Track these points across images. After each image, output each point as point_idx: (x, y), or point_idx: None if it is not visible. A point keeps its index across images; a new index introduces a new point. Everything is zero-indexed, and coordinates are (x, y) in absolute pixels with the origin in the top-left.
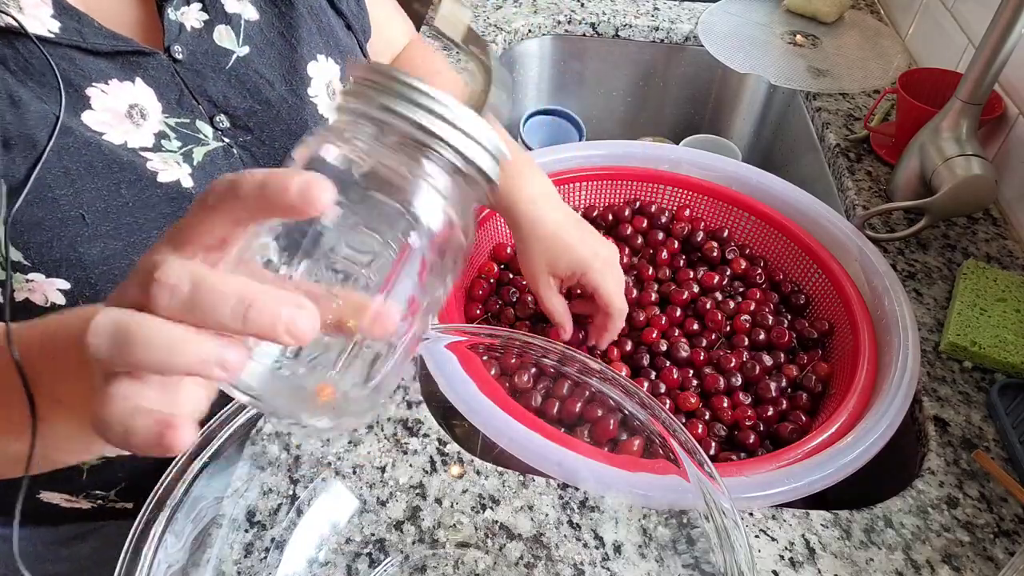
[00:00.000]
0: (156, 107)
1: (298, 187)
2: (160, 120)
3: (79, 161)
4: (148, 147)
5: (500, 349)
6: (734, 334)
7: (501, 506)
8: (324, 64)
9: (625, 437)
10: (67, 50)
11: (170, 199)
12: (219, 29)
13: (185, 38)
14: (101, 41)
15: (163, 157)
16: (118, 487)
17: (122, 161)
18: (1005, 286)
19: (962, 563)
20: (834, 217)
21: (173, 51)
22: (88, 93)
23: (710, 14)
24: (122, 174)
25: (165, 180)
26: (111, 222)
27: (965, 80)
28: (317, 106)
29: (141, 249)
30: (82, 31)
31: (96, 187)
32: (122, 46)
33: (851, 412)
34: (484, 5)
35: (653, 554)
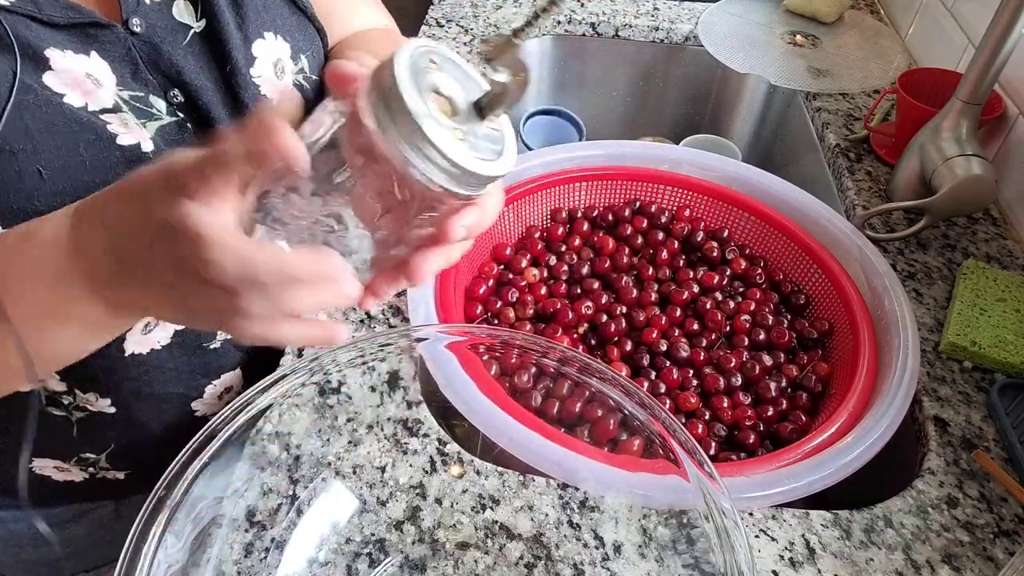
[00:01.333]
0: (111, 79)
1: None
2: (114, 93)
3: (39, 119)
4: (108, 108)
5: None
6: (734, 334)
7: (501, 506)
8: (272, 43)
9: (625, 437)
10: (22, 18)
11: (128, 161)
12: (178, 4)
13: (144, 10)
14: (57, 13)
15: (123, 118)
16: (108, 449)
17: (82, 121)
18: (1005, 286)
19: (962, 563)
20: (834, 217)
21: (131, 23)
22: (47, 55)
23: (710, 14)
24: (82, 134)
25: (125, 143)
26: (69, 180)
27: (965, 80)
28: (260, 87)
29: None
30: (38, 2)
31: (55, 145)
32: (78, 18)
33: (851, 412)
34: (484, 5)
35: (653, 554)
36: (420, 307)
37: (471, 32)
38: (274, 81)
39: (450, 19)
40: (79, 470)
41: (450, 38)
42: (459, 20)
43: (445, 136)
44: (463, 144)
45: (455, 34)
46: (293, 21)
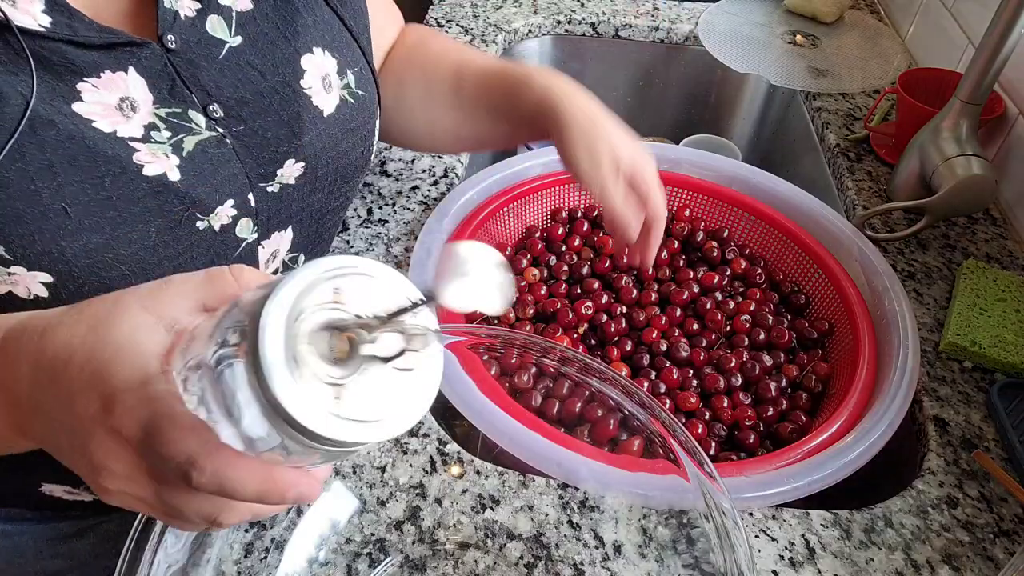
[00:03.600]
0: (147, 98)
1: (293, 500)
2: (150, 111)
3: (62, 155)
4: (137, 137)
5: (500, 349)
6: (734, 334)
7: (501, 506)
8: (320, 58)
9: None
10: (59, 44)
11: (155, 193)
12: (211, 19)
13: (179, 27)
14: (92, 35)
15: (151, 148)
16: None
17: (107, 154)
18: (1005, 286)
19: (962, 563)
20: (834, 217)
21: (166, 40)
22: (79, 88)
23: (710, 14)
24: (106, 167)
25: (151, 173)
26: (94, 216)
27: (965, 80)
28: (311, 97)
29: (124, 243)
30: (73, 25)
31: (79, 180)
32: (114, 38)
33: (851, 412)
34: (484, 5)
35: (653, 554)
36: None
37: (471, 32)
38: (323, 94)
39: (450, 19)
40: (88, 493)
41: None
42: (459, 20)
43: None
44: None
45: (455, 34)
46: (342, 38)
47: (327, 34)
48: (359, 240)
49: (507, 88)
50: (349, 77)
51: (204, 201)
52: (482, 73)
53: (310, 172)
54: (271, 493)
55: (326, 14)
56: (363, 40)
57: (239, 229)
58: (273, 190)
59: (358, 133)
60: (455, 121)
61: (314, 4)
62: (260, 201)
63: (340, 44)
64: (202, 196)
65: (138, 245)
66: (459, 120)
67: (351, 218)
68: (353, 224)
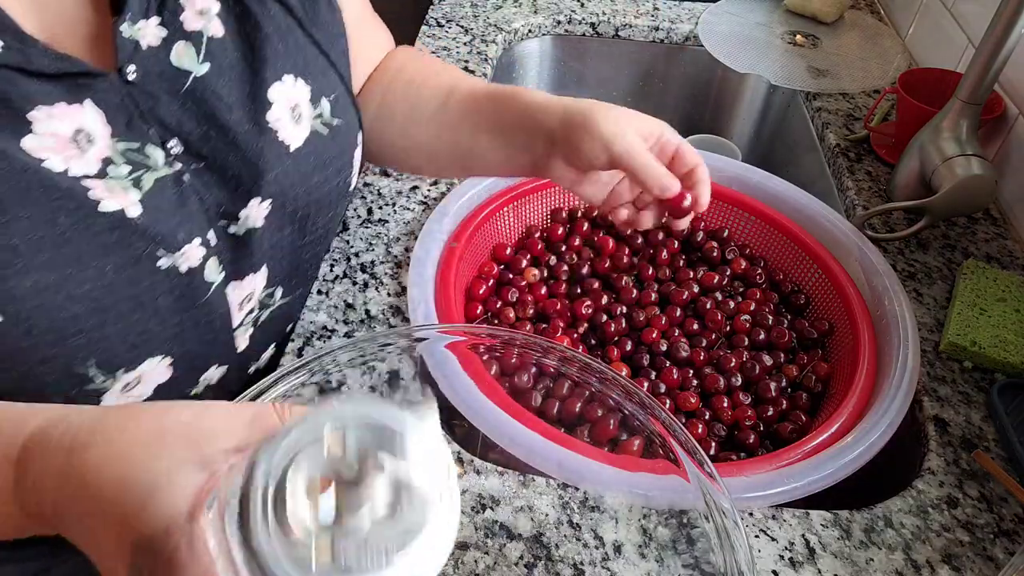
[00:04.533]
0: (104, 131)
1: None
2: (108, 145)
3: (13, 188)
4: (91, 175)
5: (500, 349)
6: (734, 334)
7: (501, 506)
8: (291, 86)
9: (625, 437)
10: (10, 72)
11: (111, 229)
12: (177, 47)
13: (140, 57)
14: (47, 64)
15: (107, 185)
16: None
17: (61, 188)
18: (1005, 286)
19: (962, 563)
20: (834, 217)
21: (126, 72)
22: (31, 117)
23: (710, 14)
24: (60, 202)
25: (108, 209)
26: (45, 253)
27: (965, 80)
28: (277, 132)
29: (78, 282)
30: (27, 52)
31: (31, 216)
32: (70, 67)
33: (851, 412)
34: (484, 5)
35: (653, 554)
36: (420, 307)
37: (471, 32)
38: (291, 126)
39: (450, 19)
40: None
41: (450, 38)
42: (459, 20)
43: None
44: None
45: (455, 34)
46: (317, 64)
47: (300, 60)
48: (359, 240)
49: (518, 110)
50: (323, 105)
51: (167, 238)
52: (477, 93)
53: (278, 210)
54: None
55: (300, 39)
56: (341, 65)
57: (208, 272)
58: (236, 231)
59: (332, 165)
60: (440, 142)
61: (286, 29)
62: (223, 240)
63: (315, 70)
64: (165, 233)
65: (92, 284)
66: (443, 141)
67: (351, 218)
68: (353, 224)
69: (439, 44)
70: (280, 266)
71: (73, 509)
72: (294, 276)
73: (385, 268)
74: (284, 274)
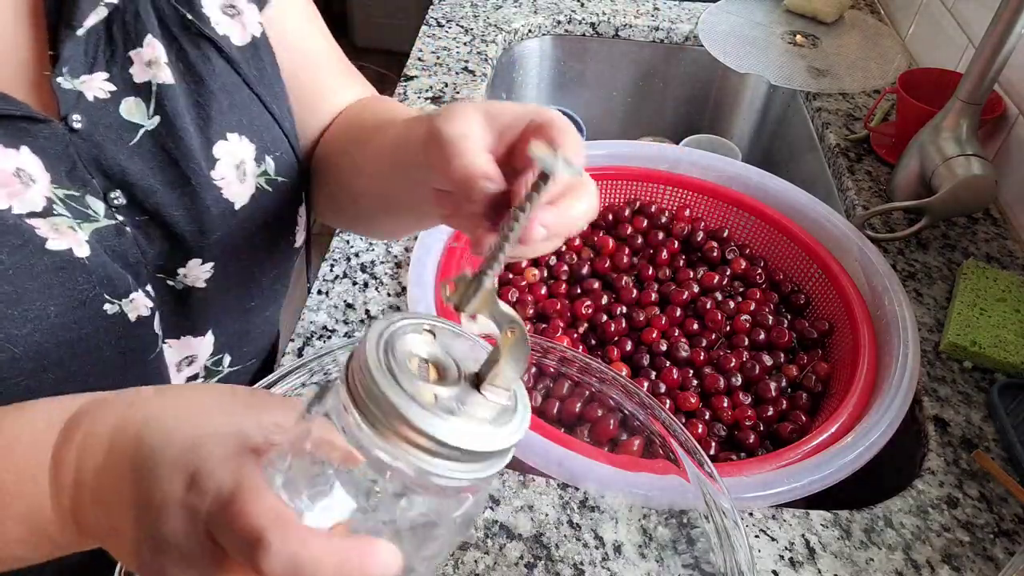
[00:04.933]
0: (44, 177)
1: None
2: (48, 188)
3: None
4: (37, 212)
5: None
6: (734, 334)
7: (501, 506)
8: (236, 144)
9: (625, 437)
10: None
11: (58, 268)
12: (127, 102)
13: (85, 107)
14: None
15: (53, 223)
16: None
17: (5, 224)
18: (1005, 286)
19: (962, 563)
20: (834, 217)
21: (70, 120)
22: None
23: (710, 14)
24: (4, 237)
25: (55, 248)
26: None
27: (965, 80)
28: (222, 190)
29: (18, 323)
30: None
31: None
32: (11, 110)
33: (851, 412)
34: (484, 5)
35: (653, 554)
36: (420, 307)
37: (471, 32)
38: (236, 184)
39: (450, 19)
40: None
41: (450, 38)
42: (459, 20)
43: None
44: (460, 420)
45: (455, 34)
46: (261, 121)
47: (244, 117)
48: (359, 240)
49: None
50: (268, 163)
51: (114, 282)
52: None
53: (220, 272)
54: (351, 567)
55: (245, 96)
56: (285, 123)
57: (156, 325)
58: (175, 285)
59: (277, 223)
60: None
61: (232, 87)
62: (162, 294)
63: (259, 127)
64: (112, 276)
65: (33, 325)
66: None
67: None
68: None
69: (439, 44)
70: (227, 332)
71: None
72: (244, 343)
73: (385, 268)
74: (233, 340)
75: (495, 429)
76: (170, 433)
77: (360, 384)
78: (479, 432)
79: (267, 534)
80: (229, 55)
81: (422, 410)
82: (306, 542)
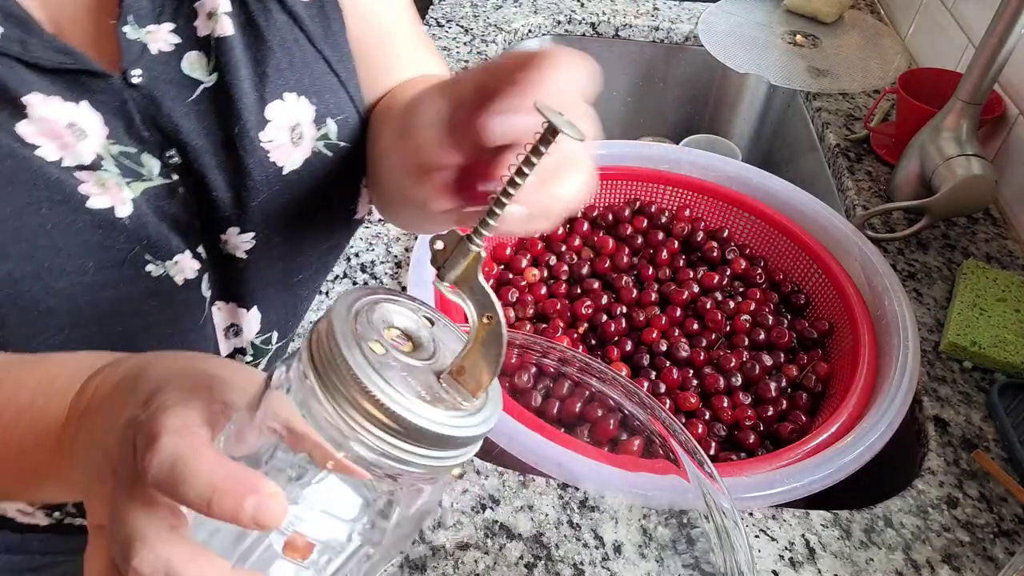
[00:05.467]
0: (101, 132)
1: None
2: (102, 144)
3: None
4: (85, 165)
5: None
6: (734, 334)
7: (501, 506)
8: (292, 104)
9: (625, 437)
10: (8, 59)
11: (97, 227)
12: (189, 56)
13: (148, 61)
14: (47, 56)
15: (100, 178)
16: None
17: (50, 179)
18: (1005, 286)
19: (962, 563)
20: (834, 217)
21: (129, 74)
22: (26, 101)
23: (710, 14)
24: (47, 192)
25: (96, 206)
26: (24, 243)
27: (965, 80)
28: (268, 153)
29: (56, 275)
30: (27, 42)
31: (12, 203)
32: (70, 63)
33: (851, 412)
34: (484, 5)
35: (653, 554)
36: None
37: (471, 32)
38: (287, 147)
39: (450, 19)
40: (44, 516)
41: (450, 38)
42: (459, 20)
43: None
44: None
45: (455, 34)
46: (325, 82)
47: (306, 76)
48: (359, 240)
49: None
50: (329, 126)
51: (156, 244)
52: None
53: (262, 243)
54: (225, 492)
55: (308, 54)
56: (352, 86)
57: (205, 287)
58: (222, 250)
59: (333, 190)
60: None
61: (293, 43)
62: (212, 256)
63: (322, 88)
64: (155, 238)
65: (71, 279)
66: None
67: None
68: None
69: (439, 44)
70: (273, 308)
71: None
72: (292, 318)
73: (385, 268)
74: (281, 316)
75: (458, 416)
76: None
77: (320, 348)
78: (440, 416)
79: (164, 435)
80: (292, 9)
81: (378, 376)
82: (194, 448)
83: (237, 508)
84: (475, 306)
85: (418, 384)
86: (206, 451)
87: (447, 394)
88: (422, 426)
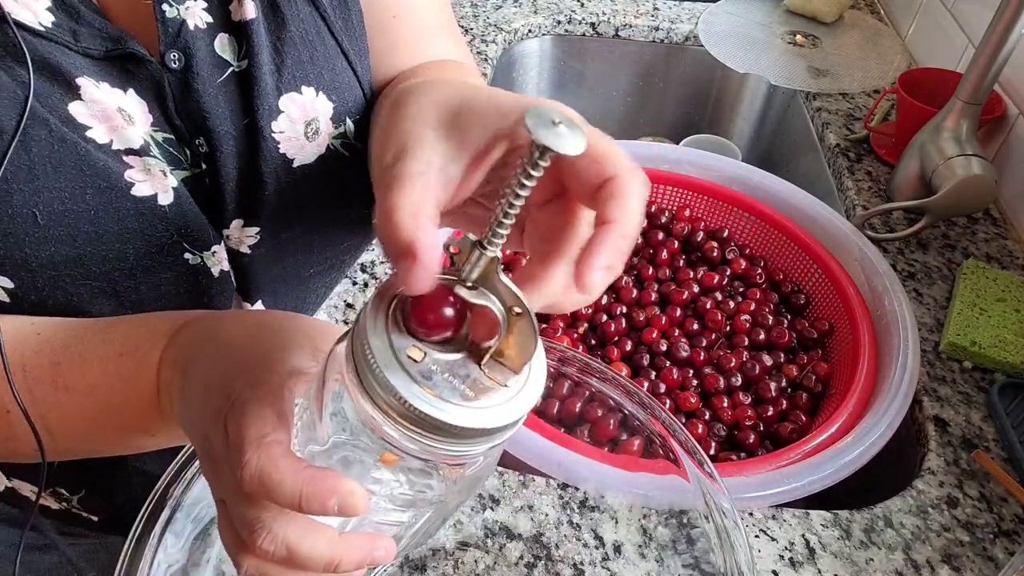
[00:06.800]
0: (146, 119)
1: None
2: (146, 131)
3: (47, 157)
4: (134, 149)
5: None
6: (734, 334)
7: (501, 506)
8: (310, 99)
9: (625, 437)
10: (57, 46)
11: (139, 214)
12: (222, 37)
13: (185, 38)
14: (95, 44)
15: (147, 163)
16: (79, 494)
17: (96, 165)
18: (1005, 286)
19: (962, 563)
20: (834, 217)
21: (168, 58)
22: (79, 83)
23: (710, 14)
24: (93, 178)
25: (139, 194)
26: (66, 227)
27: (965, 80)
28: (279, 144)
29: (98, 260)
30: (77, 30)
31: (58, 187)
32: (117, 50)
33: (851, 412)
34: (484, 5)
35: (653, 554)
36: None
37: (471, 32)
38: (300, 141)
39: None
40: (55, 501)
41: None
42: (459, 20)
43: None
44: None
45: None
46: (344, 79)
47: (326, 72)
48: None
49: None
50: (348, 126)
51: (194, 233)
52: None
53: (270, 239)
54: (310, 497)
55: (330, 49)
56: (366, 83)
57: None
58: (228, 244)
59: (350, 192)
60: None
61: (315, 36)
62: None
63: (341, 86)
64: (192, 227)
65: (112, 265)
66: None
67: None
68: None
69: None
70: (280, 303)
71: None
72: (302, 310)
73: (385, 268)
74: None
75: (505, 401)
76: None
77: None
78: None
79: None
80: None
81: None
82: (274, 461)
83: (323, 508)
84: (501, 303)
85: (459, 380)
86: (283, 463)
87: (489, 379)
88: (475, 427)
